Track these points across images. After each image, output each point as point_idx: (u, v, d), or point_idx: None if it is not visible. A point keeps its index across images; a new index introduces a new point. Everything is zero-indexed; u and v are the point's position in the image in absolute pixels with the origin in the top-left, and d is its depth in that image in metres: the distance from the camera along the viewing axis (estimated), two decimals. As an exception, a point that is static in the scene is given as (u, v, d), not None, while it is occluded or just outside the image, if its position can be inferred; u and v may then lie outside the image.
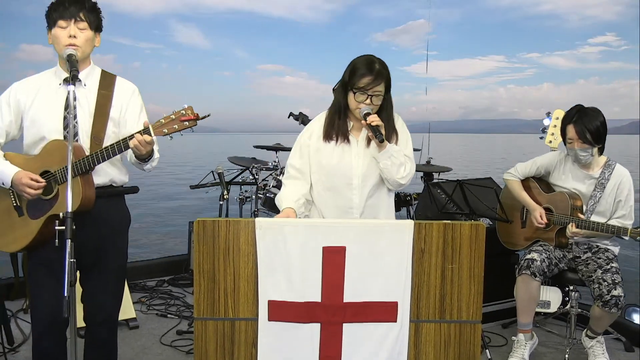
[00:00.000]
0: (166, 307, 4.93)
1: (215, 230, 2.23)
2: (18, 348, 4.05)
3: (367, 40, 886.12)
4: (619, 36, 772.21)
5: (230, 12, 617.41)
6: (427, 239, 2.23)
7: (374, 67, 2.80)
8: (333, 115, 2.94)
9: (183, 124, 2.54)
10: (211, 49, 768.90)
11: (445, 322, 2.26)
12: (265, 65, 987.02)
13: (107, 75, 2.87)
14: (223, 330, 2.25)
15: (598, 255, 3.87)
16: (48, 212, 2.69)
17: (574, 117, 3.74)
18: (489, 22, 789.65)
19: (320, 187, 2.96)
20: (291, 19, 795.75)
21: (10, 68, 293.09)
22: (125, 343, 4.12)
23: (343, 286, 2.22)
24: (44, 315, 2.82)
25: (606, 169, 3.84)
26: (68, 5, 2.70)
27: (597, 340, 3.97)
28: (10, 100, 2.79)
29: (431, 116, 46.57)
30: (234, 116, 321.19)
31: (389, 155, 2.82)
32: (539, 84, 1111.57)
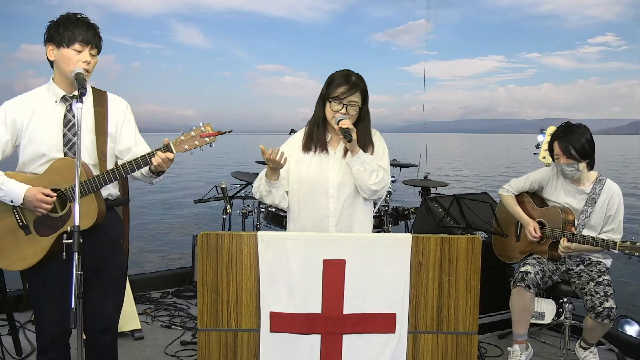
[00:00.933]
0: (171, 318, 4.91)
1: (219, 244, 2.23)
2: (26, 358, 4.04)
3: (367, 40, 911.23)
4: (619, 36, 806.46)
5: (230, 12, 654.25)
6: (425, 252, 2.23)
7: (350, 78, 2.86)
8: (312, 127, 2.98)
9: (203, 140, 2.57)
10: (211, 49, 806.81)
11: (443, 333, 2.25)
12: (265, 65, 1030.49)
13: (98, 92, 2.86)
14: (226, 341, 2.24)
15: (590, 268, 3.89)
16: (60, 229, 2.68)
17: (560, 133, 3.79)
18: (489, 22, 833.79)
19: (298, 196, 2.98)
20: (291, 19, 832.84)
21: (11, 68, 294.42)
22: (131, 354, 4.11)
23: (343, 298, 2.21)
24: (49, 328, 2.83)
25: (597, 185, 3.87)
26: (86, 29, 2.69)
27: (590, 351, 3.98)
28: (6, 120, 2.73)
29: (431, 116, 46.16)
30: (234, 116, 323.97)
31: (361, 162, 2.84)
32: (539, 84, 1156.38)
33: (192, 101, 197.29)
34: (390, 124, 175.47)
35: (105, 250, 2.84)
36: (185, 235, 9.34)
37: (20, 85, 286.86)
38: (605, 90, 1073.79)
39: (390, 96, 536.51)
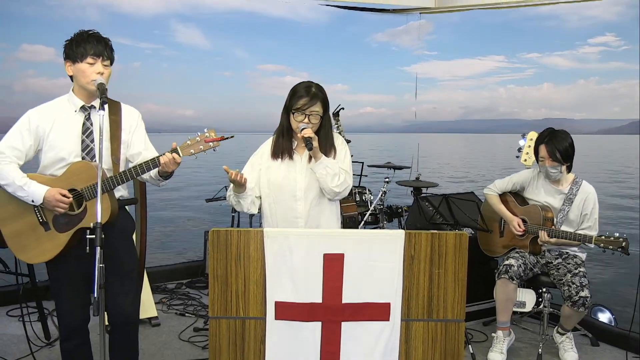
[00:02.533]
0: (184, 307, 4.91)
1: (228, 239, 2.23)
2: (54, 343, 4.05)
3: (367, 41, 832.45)
4: (619, 36, 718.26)
5: (231, 12, 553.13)
6: (417, 247, 2.22)
7: (311, 90, 2.86)
8: (278, 136, 2.99)
9: (208, 144, 2.58)
10: (211, 49, 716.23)
11: (433, 321, 2.25)
12: (266, 65, 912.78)
13: (112, 102, 2.86)
14: (235, 328, 2.24)
15: (568, 261, 3.90)
16: (77, 225, 2.70)
17: (546, 138, 3.83)
18: (489, 22, 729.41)
19: (270, 199, 2.99)
20: (291, 19, 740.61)
21: (11, 68, 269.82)
22: (148, 339, 4.11)
23: (342, 289, 2.21)
24: (68, 318, 2.86)
25: (574, 186, 3.90)
26: (96, 43, 2.72)
27: (566, 336, 4.00)
28: (30, 127, 2.75)
29: (431, 116, 45.44)
30: (234, 116, 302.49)
31: (324, 166, 2.85)
32: (539, 84, 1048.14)
33: (192, 101, 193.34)
34: (390, 124, 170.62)
35: (118, 245, 2.84)
36: (197, 232, 9.32)
37: (20, 85, 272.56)
38: (605, 90, 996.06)
39: (391, 96, 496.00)
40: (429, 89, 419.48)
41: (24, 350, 3.88)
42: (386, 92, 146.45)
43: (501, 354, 3.90)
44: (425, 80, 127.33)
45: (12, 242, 2.81)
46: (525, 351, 4.09)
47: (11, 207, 2.78)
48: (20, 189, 2.68)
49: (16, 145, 2.74)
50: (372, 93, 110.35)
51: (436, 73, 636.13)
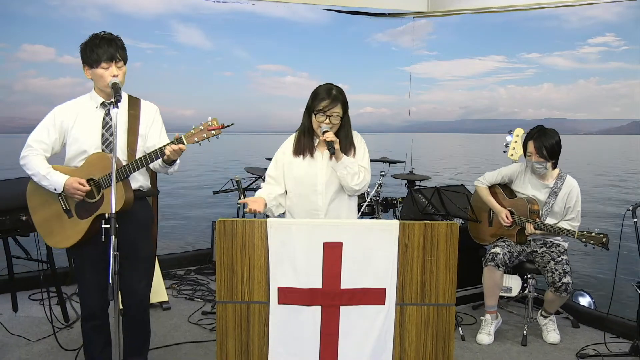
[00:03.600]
0: (193, 292, 4.92)
1: (234, 229, 2.22)
2: (72, 325, 4.08)
3: (368, 41, 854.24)
4: (619, 36, 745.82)
5: (231, 13, 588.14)
6: (410, 236, 2.22)
7: (332, 92, 2.87)
8: (300, 135, 3.00)
9: (210, 132, 2.58)
10: (212, 49, 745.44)
11: (425, 305, 2.25)
12: (266, 65, 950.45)
13: (132, 99, 2.91)
14: (240, 311, 2.24)
15: (551, 249, 3.91)
16: (95, 212, 2.73)
17: (535, 135, 3.83)
18: (489, 22, 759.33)
19: (292, 193, 3.01)
20: (292, 19, 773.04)
21: (12, 68, 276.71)
22: (160, 322, 4.11)
23: (340, 275, 2.21)
24: (89, 300, 2.89)
25: (559, 180, 3.91)
26: (107, 47, 2.72)
27: (549, 319, 4.02)
28: (55, 122, 2.82)
29: (431, 116, 44.84)
30: (234, 116, 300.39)
31: (344, 166, 2.87)
32: (539, 84, 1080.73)
33: (193, 101, 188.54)
34: (390, 124, 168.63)
35: (136, 233, 2.87)
36: (205, 222, 9.32)
37: (20, 85, 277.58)
38: (605, 90, 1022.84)
39: (391, 96, 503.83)
40: (429, 89, 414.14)
41: (45, 331, 3.91)
42: (386, 92, 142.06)
43: (489, 335, 3.91)
44: (426, 80, 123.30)
45: (41, 228, 2.88)
46: (512, 333, 4.10)
47: (40, 197, 2.85)
48: (44, 178, 2.74)
49: (42, 138, 2.80)
50: (372, 93, 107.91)
51: (436, 73, 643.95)
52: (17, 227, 3.80)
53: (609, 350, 3.72)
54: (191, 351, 3.67)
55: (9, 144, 8.34)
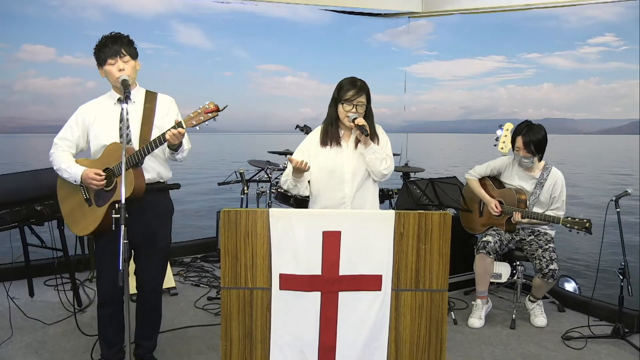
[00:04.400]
0: (199, 278, 4.92)
1: (238, 218, 2.22)
2: (85, 309, 4.09)
3: (368, 41, 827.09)
4: (619, 36, 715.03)
5: (231, 13, 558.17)
6: (406, 225, 2.21)
7: (357, 83, 2.90)
8: (327, 126, 3.00)
9: (207, 115, 2.57)
10: (212, 49, 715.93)
11: (419, 291, 2.24)
12: (266, 65, 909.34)
13: (149, 93, 2.94)
14: (244, 297, 2.23)
15: (539, 238, 3.92)
16: (110, 200, 2.74)
17: (523, 130, 3.85)
18: (489, 22, 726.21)
19: (319, 183, 3.00)
20: (292, 19, 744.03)
21: (12, 68, 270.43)
22: (167, 307, 4.11)
23: (339, 262, 2.20)
24: (106, 287, 2.89)
25: (544, 172, 3.92)
26: (111, 45, 2.76)
27: (537, 304, 4.03)
28: (77, 120, 2.88)
29: (431, 116, 44.31)
30: (234, 116, 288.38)
31: (373, 151, 2.89)
32: (539, 84, 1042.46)
33: (193, 101, 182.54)
34: (390, 123, 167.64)
35: (156, 224, 2.91)
36: (211, 212, 9.33)
37: (20, 85, 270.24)
38: (605, 90, 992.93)
39: (391, 96, 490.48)
40: (429, 89, 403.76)
41: (60, 315, 3.93)
42: (386, 92, 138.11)
43: (480, 319, 3.92)
44: (426, 80, 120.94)
45: (67, 218, 2.93)
46: (501, 317, 4.10)
47: (66, 189, 2.91)
48: (65, 171, 2.80)
49: (66, 136, 2.88)
50: (372, 93, 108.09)
51: (436, 73, 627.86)
52: (33, 217, 3.80)
53: (592, 333, 3.74)
54: (197, 334, 3.68)
55: (9, 144, 8.32)
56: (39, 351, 3.37)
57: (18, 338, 3.55)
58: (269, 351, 2.24)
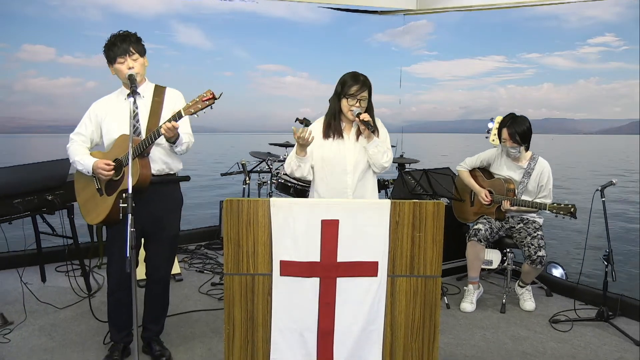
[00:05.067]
0: (203, 265, 4.92)
1: (240, 207, 2.20)
2: (94, 294, 4.10)
3: (368, 41, 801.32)
4: (619, 36, 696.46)
5: (231, 13, 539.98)
6: (401, 214, 2.20)
7: (360, 78, 2.88)
8: (330, 119, 2.98)
9: (204, 103, 2.57)
10: (212, 49, 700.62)
11: (414, 277, 2.24)
12: (266, 65, 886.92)
13: (158, 87, 2.94)
14: (246, 283, 2.23)
15: (528, 226, 3.91)
16: (118, 188, 2.76)
17: (507, 123, 3.85)
18: (489, 22, 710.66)
19: (322, 173, 2.99)
20: (292, 19, 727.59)
21: (12, 68, 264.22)
22: (173, 292, 4.07)
23: (337, 250, 2.19)
24: (116, 272, 2.88)
25: (532, 161, 3.93)
26: (120, 44, 2.75)
27: (526, 289, 4.04)
28: (90, 116, 2.91)
29: (431, 116, 43.73)
30: (234, 116, 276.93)
31: (376, 145, 2.89)
32: (539, 84, 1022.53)
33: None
34: (390, 124, 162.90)
35: (165, 214, 2.91)
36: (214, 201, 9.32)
37: (20, 85, 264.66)
38: (605, 90, 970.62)
39: (391, 96, 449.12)
40: (429, 89, 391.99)
41: (70, 299, 3.94)
42: (386, 92, 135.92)
43: (471, 304, 3.93)
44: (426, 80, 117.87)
45: (83, 208, 2.95)
46: (492, 301, 4.11)
47: (83, 181, 2.94)
48: (79, 162, 2.85)
49: (81, 131, 2.91)
50: (372, 93, 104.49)
51: (436, 73, 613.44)
52: (44, 206, 3.80)
53: (578, 316, 3.74)
54: (201, 318, 3.68)
55: (9, 144, 8.20)
56: (51, 334, 3.37)
57: (31, 321, 3.56)
58: (270, 334, 2.24)
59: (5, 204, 3.53)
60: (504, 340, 3.42)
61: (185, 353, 3.13)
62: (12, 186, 3.55)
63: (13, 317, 3.59)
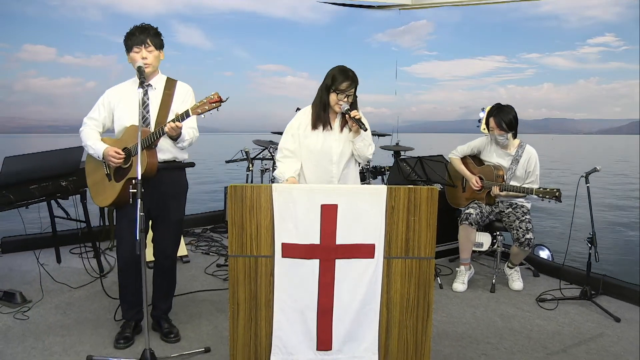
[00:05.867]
0: (209, 247, 4.92)
1: (244, 193, 2.19)
2: (106, 275, 4.10)
3: (368, 41, 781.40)
4: (618, 37, 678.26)
5: (232, 13, 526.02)
6: (397, 199, 2.19)
7: (349, 74, 2.85)
8: (318, 111, 2.93)
9: (212, 105, 2.56)
10: (212, 49, 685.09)
11: (409, 258, 2.23)
12: (266, 65, 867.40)
13: (170, 80, 2.92)
14: (249, 264, 2.22)
15: (516, 210, 3.91)
16: (127, 176, 2.76)
17: (494, 112, 3.87)
18: (489, 22, 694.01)
19: (309, 163, 2.96)
20: (292, 19, 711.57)
21: (12, 68, 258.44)
22: (180, 273, 4.10)
23: (336, 233, 2.18)
24: (125, 254, 2.88)
25: (520, 149, 3.92)
26: (139, 34, 2.75)
27: (514, 270, 4.04)
28: (104, 102, 2.89)
29: (431, 116, 43.31)
30: (234, 116, 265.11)
31: (362, 139, 2.87)
32: (539, 84, 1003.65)
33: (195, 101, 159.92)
34: (390, 124, 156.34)
35: (170, 199, 2.90)
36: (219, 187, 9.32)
37: (20, 85, 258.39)
38: (605, 90, 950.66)
39: (391, 96, 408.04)
40: (429, 89, 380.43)
41: (84, 279, 3.94)
42: (386, 92, 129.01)
43: (463, 284, 3.93)
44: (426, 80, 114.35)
45: (92, 190, 2.97)
46: (482, 282, 4.12)
47: (93, 164, 2.95)
48: (90, 147, 2.85)
49: (94, 116, 2.90)
50: (372, 93, 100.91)
51: (436, 73, 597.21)
52: (59, 192, 3.80)
53: (563, 295, 3.76)
54: (207, 298, 3.68)
55: (9, 144, 8.00)
56: (67, 311, 3.38)
57: (48, 300, 3.57)
58: (272, 313, 2.23)
59: (22, 190, 3.54)
60: (494, 318, 3.43)
61: (193, 330, 3.13)
62: (28, 173, 3.55)
63: (31, 295, 3.60)
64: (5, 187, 3.43)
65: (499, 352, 2.94)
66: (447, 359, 2.85)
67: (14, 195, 3.47)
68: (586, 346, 3.03)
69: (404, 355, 2.27)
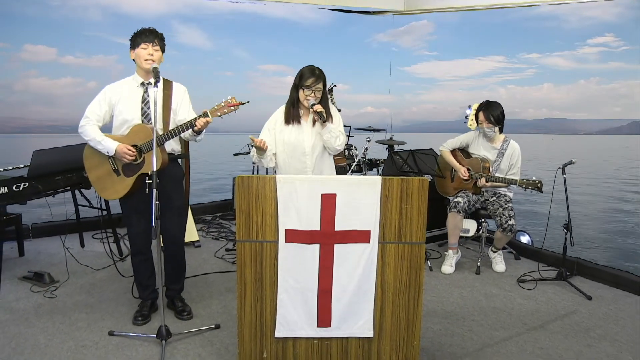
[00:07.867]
0: (218, 233, 4.92)
1: (250, 183, 2.17)
2: (125, 258, 4.09)
3: (368, 41, 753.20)
4: (618, 37, 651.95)
5: (232, 13, 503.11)
6: (390, 189, 2.17)
7: (315, 72, 2.80)
8: (289, 107, 2.90)
9: (230, 108, 2.54)
10: (213, 49, 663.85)
11: (402, 243, 2.22)
12: (267, 65, 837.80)
13: (166, 81, 2.86)
14: (255, 248, 2.21)
15: (500, 199, 3.90)
16: (139, 172, 2.71)
17: (483, 107, 3.88)
18: (489, 23, 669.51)
19: (284, 155, 2.92)
20: (292, 20, 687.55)
21: (13, 68, 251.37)
22: (192, 257, 4.12)
23: (335, 220, 2.17)
24: (135, 241, 2.89)
25: (505, 143, 3.90)
26: (148, 34, 2.72)
27: (498, 253, 4.03)
28: (105, 98, 2.80)
29: (431, 116, 42.84)
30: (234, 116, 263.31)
31: (329, 131, 2.81)
32: (539, 84, 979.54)
33: (194, 101, 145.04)
34: (389, 123, 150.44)
35: (171, 188, 2.85)
36: (227, 178, 9.30)
37: (20, 85, 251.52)
38: (605, 90, 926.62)
39: (391, 96, 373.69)
40: (429, 89, 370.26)
41: (105, 262, 3.94)
42: (386, 92, 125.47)
43: (451, 266, 3.93)
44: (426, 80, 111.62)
45: (96, 184, 2.87)
46: (468, 264, 4.11)
47: (95, 159, 2.84)
48: (99, 143, 2.73)
49: (95, 110, 2.79)
50: (372, 93, 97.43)
51: (437, 73, 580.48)
52: (82, 182, 3.80)
53: (541, 276, 3.76)
54: (217, 279, 3.68)
55: (9, 144, 7.83)
56: (90, 291, 3.39)
57: (73, 280, 3.57)
58: (276, 293, 2.22)
59: (48, 181, 3.54)
60: (479, 297, 3.42)
61: (204, 309, 3.13)
62: (54, 165, 3.55)
63: (58, 276, 3.61)
64: (34, 178, 3.43)
65: (483, 328, 2.94)
66: (437, 334, 2.85)
67: (42, 186, 3.48)
68: (561, 322, 3.03)
69: (397, 331, 2.26)
